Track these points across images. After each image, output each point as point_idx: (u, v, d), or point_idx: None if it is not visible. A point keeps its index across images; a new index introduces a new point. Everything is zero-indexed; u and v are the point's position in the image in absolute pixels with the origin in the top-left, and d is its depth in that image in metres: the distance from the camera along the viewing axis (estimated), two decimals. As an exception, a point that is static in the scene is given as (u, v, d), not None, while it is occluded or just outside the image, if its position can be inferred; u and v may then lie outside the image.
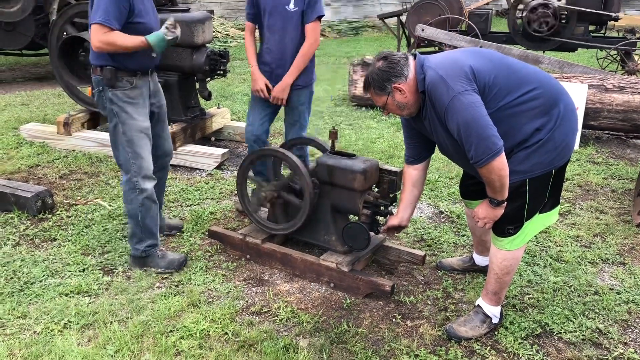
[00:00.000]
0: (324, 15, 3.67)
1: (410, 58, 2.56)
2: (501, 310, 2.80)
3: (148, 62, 3.14)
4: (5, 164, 4.89)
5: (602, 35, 9.13)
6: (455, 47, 7.93)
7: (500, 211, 2.52)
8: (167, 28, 3.01)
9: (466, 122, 2.34)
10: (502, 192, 2.45)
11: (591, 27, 8.85)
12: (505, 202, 2.49)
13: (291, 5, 3.54)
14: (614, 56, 8.85)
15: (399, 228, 3.03)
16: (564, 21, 8.57)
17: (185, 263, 3.32)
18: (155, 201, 3.26)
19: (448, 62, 2.48)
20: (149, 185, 3.18)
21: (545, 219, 2.71)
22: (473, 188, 2.91)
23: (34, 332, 2.72)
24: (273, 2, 3.56)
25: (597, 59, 9.24)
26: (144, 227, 3.23)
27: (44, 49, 8.29)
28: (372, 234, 3.12)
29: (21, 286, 3.08)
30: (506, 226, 2.60)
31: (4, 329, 2.74)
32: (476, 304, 2.82)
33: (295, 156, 3.21)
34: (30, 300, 2.97)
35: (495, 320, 2.77)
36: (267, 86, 3.70)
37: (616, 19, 8.65)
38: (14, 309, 2.88)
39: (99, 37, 2.91)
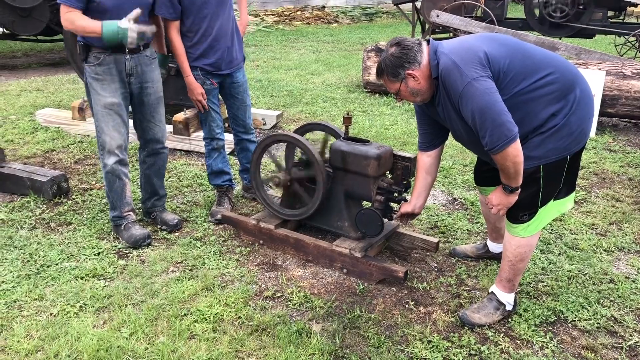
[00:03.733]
0: None
1: (424, 44, 2.53)
2: (515, 297, 2.79)
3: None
4: (21, 148, 4.94)
5: (621, 21, 8.98)
6: (470, 34, 7.85)
7: (514, 198, 2.50)
8: (127, 19, 3.00)
9: (481, 108, 2.31)
10: (516, 179, 2.42)
11: (609, 13, 8.71)
12: (520, 189, 2.47)
13: None
14: (633, 42, 8.71)
15: (412, 215, 3.02)
16: (581, 7, 8.44)
17: (144, 242, 3.40)
18: (120, 177, 3.38)
19: (462, 48, 2.45)
20: (111, 160, 3.31)
21: (560, 205, 2.68)
22: (487, 175, 2.89)
23: (51, 314, 2.76)
24: None
25: (615, 46, 9.10)
26: (109, 198, 3.45)
27: (58, 34, 8.33)
28: (385, 220, 3.12)
29: (37, 269, 3.12)
30: (520, 212, 2.58)
31: (21, 311, 2.78)
32: (490, 291, 2.81)
33: (308, 141, 3.20)
34: (47, 282, 3.01)
35: (509, 307, 2.76)
36: (202, 94, 3.61)
37: (635, 4, 8.50)
38: (30, 291, 2.93)
39: (62, 16, 3.04)
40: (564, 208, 2.72)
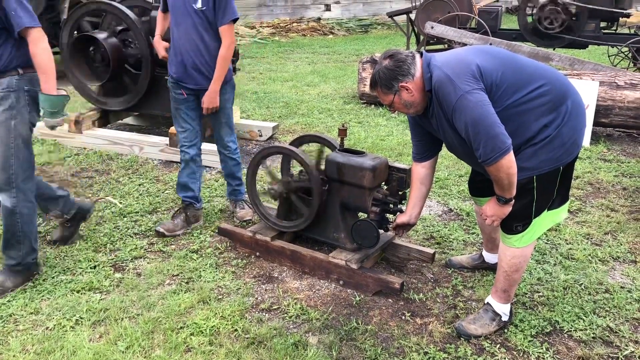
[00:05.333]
0: (238, 18, 3.47)
1: (417, 56, 2.55)
2: (511, 308, 2.80)
3: None
4: (17, 161, 4.93)
5: (614, 32, 9.05)
6: (464, 45, 7.90)
7: (507, 209, 2.52)
8: None
9: (474, 120, 2.34)
10: (510, 190, 2.44)
11: (602, 24, 8.77)
12: (513, 200, 2.49)
13: (198, 5, 3.36)
14: (626, 53, 8.77)
15: (407, 226, 3.04)
16: (574, 18, 8.50)
17: None
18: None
19: (454, 60, 2.47)
20: None
21: (554, 215, 2.70)
22: (482, 185, 2.91)
23: (46, 328, 2.75)
24: None
25: (609, 56, 9.17)
26: None
27: (55, 47, 8.34)
28: (381, 231, 3.13)
29: (33, 282, 3.11)
30: (514, 223, 2.59)
31: (17, 325, 2.77)
32: (486, 302, 2.82)
33: (304, 153, 3.22)
34: (43, 296, 3.00)
35: (505, 318, 2.76)
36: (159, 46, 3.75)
37: (628, 15, 8.57)
38: (26, 305, 2.92)
39: None
40: (558, 218, 2.74)
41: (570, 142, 2.47)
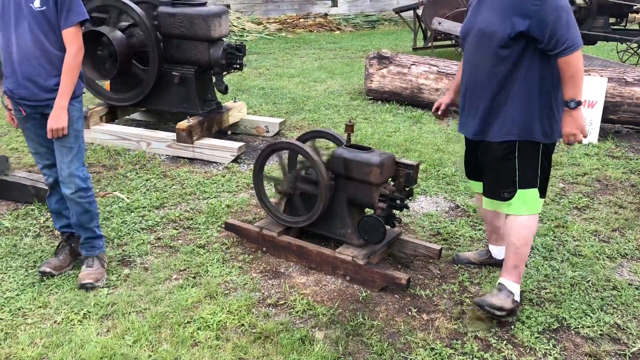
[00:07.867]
0: (88, 20, 2.95)
1: None
2: (520, 294, 2.80)
3: None
4: (25, 157, 4.96)
5: (623, 28, 9.00)
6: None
7: (580, 115, 2.58)
8: None
9: (563, 7, 2.46)
10: (579, 90, 2.55)
11: (611, 20, 8.72)
12: (581, 104, 2.58)
13: (36, 4, 2.79)
14: (635, 49, 8.72)
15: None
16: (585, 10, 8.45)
17: None
18: None
19: None
20: None
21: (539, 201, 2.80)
22: (477, 164, 2.90)
23: (55, 321, 2.77)
24: None
25: (617, 52, 9.11)
26: None
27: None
28: (387, 227, 3.13)
29: (42, 277, 3.13)
30: (501, 189, 2.74)
31: (25, 319, 2.79)
32: (498, 283, 2.82)
33: (311, 149, 3.22)
34: (51, 290, 3.02)
35: (517, 298, 2.77)
36: (13, 116, 3.04)
37: (637, 11, 8.51)
38: (35, 298, 2.94)
39: None
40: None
41: (557, 125, 2.66)
